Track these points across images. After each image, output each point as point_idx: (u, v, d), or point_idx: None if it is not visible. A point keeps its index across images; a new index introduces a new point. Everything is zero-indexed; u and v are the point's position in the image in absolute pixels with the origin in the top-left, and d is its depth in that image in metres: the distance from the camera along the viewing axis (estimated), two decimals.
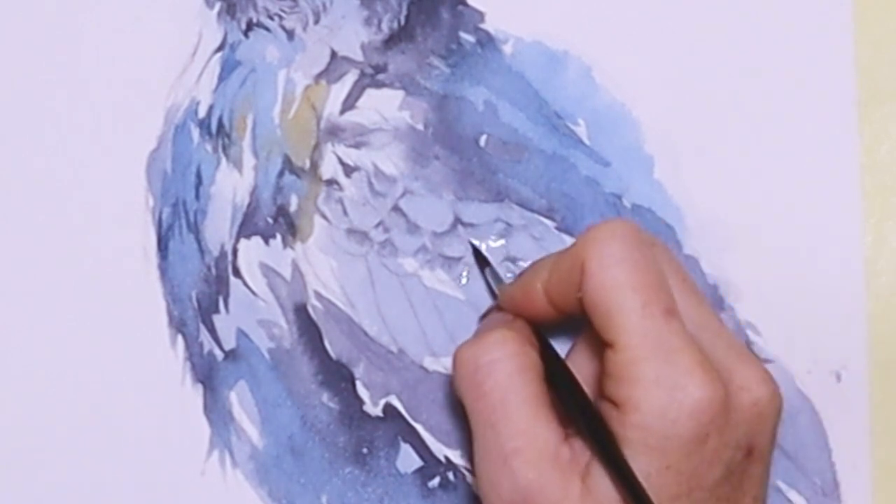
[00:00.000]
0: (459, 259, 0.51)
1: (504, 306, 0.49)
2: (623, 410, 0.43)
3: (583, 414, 0.44)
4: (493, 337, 0.45)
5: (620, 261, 0.44)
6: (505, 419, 0.44)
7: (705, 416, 0.43)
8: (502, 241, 0.51)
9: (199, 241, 0.52)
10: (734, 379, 0.44)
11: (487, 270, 0.50)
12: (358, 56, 0.52)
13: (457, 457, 0.51)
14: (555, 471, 0.43)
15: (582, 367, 0.46)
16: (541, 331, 0.47)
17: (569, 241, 0.51)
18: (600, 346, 0.45)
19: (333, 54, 0.52)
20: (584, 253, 0.44)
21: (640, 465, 0.43)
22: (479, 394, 0.45)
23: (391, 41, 0.52)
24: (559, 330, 0.48)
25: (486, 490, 0.45)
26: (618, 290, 0.44)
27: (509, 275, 0.51)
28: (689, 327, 0.44)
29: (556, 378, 0.45)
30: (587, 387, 0.46)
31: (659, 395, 0.43)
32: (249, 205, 0.52)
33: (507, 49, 0.52)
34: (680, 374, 0.43)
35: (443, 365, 0.51)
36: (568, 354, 0.48)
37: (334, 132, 0.52)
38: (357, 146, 0.51)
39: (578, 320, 0.46)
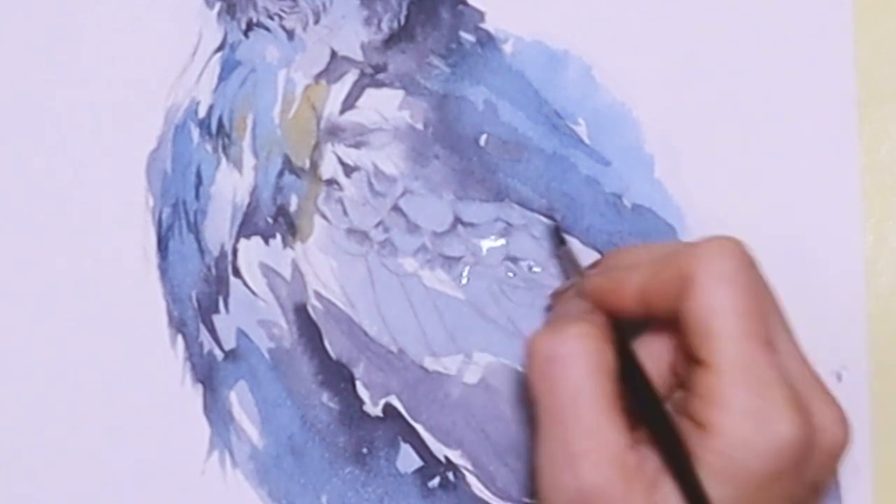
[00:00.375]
0: (459, 259, 0.51)
1: (587, 296, 0.47)
2: (706, 433, 0.42)
3: (660, 427, 0.43)
4: (573, 330, 0.44)
5: (729, 283, 0.43)
6: (575, 418, 0.43)
7: (787, 455, 0.42)
8: (502, 241, 0.51)
9: (199, 241, 0.52)
10: (815, 418, 0.43)
11: (563, 250, 0.49)
12: (358, 56, 0.52)
13: (457, 457, 0.51)
14: (620, 478, 0.43)
15: (648, 361, 0.46)
16: (623, 328, 0.46)
17: (569, 240, 0.51)
18: (671, 345, 0.44)
19: (333, 54, 0.52)
20: (692, 266, 0.43)
21: (710, 490, 0.42)
22: (551, 387, 0.44)
23: (391, 41, 0.52)
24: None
25: (546, 486, 0.44)
26: (722, 312, 0.43)
27: (510, 274, 0.51)
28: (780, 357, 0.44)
29: (634, 384, 0.45)
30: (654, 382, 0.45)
31: (746, 427, 0.42)
32: (249, 205, 0.52)
33: (507, 49, 0.52)
34: (771, 408, 0.42)
35: (443, 365, 0.51)
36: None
37: (334, 132, 0.52)
38: (357, 146, 0.51)
39: None
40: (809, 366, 0.45)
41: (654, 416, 0.44)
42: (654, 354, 0.46)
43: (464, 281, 0.51)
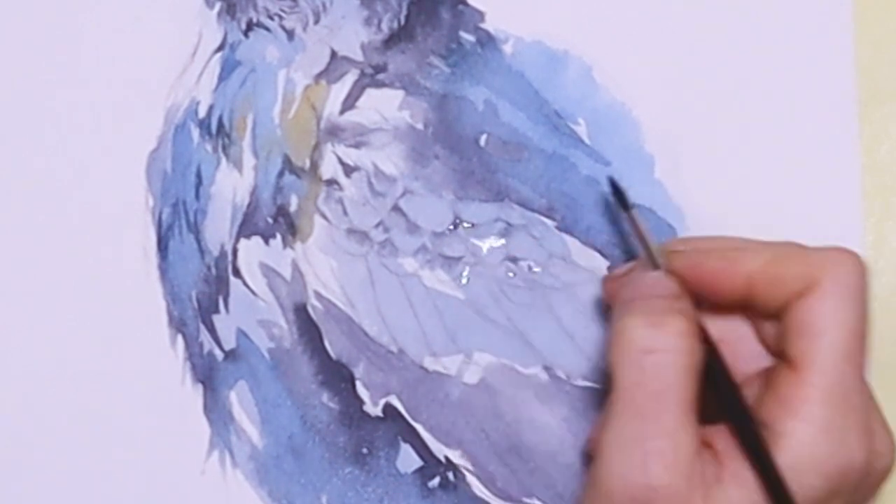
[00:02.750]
0: (459, 259, 0.51)
1: (677, 275, 0.46)
2: (777, 438, 0.43)
3: (744, 430, 0.43)
4: (675, 325, 0.44)
5: (852, 298, 0.43)
6: (657, 415, 0.43)
7: (851, 478, 0.43)
8: (503, 241, 0.51)
9: (199, 241, 0.52)
10: (875, 443, 0.44)
11: (630, 214, 0.47)
12: (358, 56, 0.52)
13: (457, 457, 0.51)
14: (686, 481, 0.43)
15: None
16: (708, 332, 0.46)
17: (569, 240, 0.51)
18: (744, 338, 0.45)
19: (333, 54, 0.52)
20: (820, 269, 0.43)
21: None
22: (640, 379, 0.43)
23: (391, 41, 0.52)
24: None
25: (608, 474, 0.44)
26: (836, 324, 0.43)
27: (510, 274, 0.51)
28: None
29: (715, 382, 0.44)
30: None
31: (822, 444, 0.42)
32: (249, 205, 0.52)
33: (507, 49, 0.52)
34: (849, 431, 0.42)
35: (443, 365, 0.51)
36: None
37: (334, 132, 0.52)
38: (357, 146, 0.51)
39: None
40: (870, 392, 0.45)
41: (739, 419, 0.44)
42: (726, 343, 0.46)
43: (464, 281, 0.51)
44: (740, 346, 0.46)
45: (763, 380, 0.45)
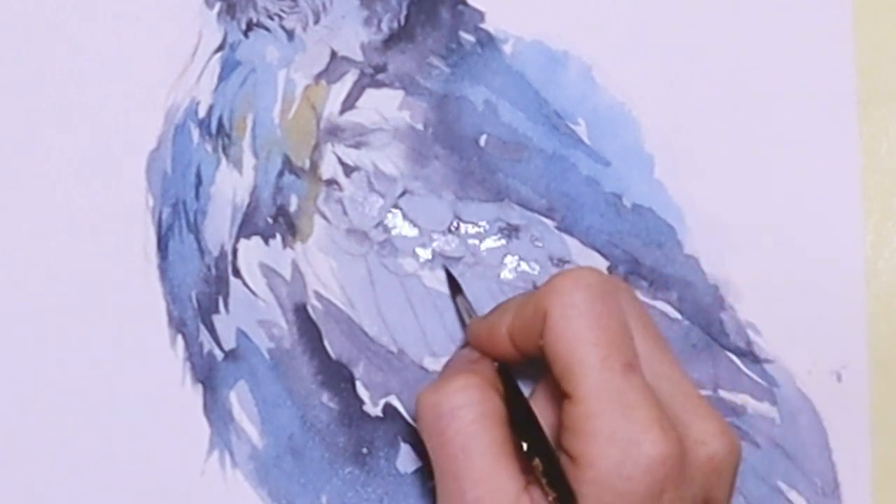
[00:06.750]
0: (459, 259, 0.51)
1: (471, 343, 0.48)
2: (578, 465, 0.43)
3: (544, 463, 0.44)
4: (456, 384, 0.45)
5: (582, 313, 0.44)
6: (466, 468, 0.44)
7: (660, 473, 0.42)
8: (503, 241, 0.51)
9: (199, 241, 0.52)
10: (691, 432, 0.44)
11: (459, 299, 0.50)
12: (358, 56, 0.52)
13: None
14: None
15: (544, 411, 0.46)
16: (508, 371, 0.47)
17: (568, 240, 0.51)
18: (559, 393, 0.45)
19: (333, 54, 0.52)
20: (546, 302, 0.44)
21: None
22: (441, 441, 0.45)
23: (391, 41, 0.52)
24: (522, 369, 0.48)
25: None
26: (578, 343, 0.43)
27: (510, 274, 0.51)
28: (649, 378, 0.44)
29: (519, 424, 0.45)
30: (550, 432, 0.45)
31: (614, 452, 0.42)
32: (249, 205, 0.52)
33: (507, 49, 0.52)
34: (636, 429, 0.42)
35: (442, 365, 0.51)
36: (530, 396, 0.47)
37: (334, 132, 0.52)
38: (357, 146, 0.51)
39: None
40: (686, 381, 0.45)
41: (539, 453, 0.44)
42: (544, 413, 0.46)
43: (463, 281, 0.51)
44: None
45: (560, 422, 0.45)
